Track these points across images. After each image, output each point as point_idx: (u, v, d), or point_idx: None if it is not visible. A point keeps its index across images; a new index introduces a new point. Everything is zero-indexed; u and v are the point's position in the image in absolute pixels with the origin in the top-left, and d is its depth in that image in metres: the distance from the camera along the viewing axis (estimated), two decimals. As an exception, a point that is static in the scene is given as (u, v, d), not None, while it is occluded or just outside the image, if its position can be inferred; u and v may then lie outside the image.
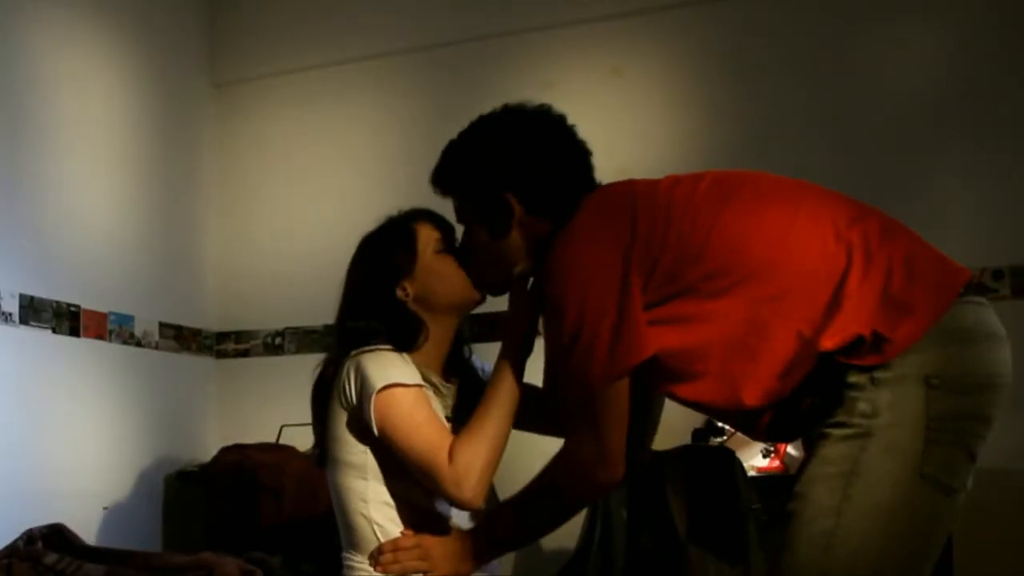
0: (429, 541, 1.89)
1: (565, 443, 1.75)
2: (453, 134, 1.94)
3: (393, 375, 1.87)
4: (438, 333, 2.00)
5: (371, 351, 1.91)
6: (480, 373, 2.11)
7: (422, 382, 1.91)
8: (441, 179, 1.91)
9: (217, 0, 4.41)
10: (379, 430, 1.86)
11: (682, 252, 1.63)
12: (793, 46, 3.63)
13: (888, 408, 1.51)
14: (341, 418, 1.92)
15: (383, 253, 2.01)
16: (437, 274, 1.98)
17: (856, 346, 1.54)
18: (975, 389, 1.54)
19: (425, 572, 1.88)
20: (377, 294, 1.99)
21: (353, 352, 1.92)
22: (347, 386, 1.89)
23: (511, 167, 1.79)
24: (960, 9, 3.48)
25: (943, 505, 1.54)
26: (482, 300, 2.02)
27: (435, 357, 2.02)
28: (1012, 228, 3.35)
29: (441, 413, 1.96)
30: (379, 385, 1.85)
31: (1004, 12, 3.43)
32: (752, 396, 1.60)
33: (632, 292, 1.62)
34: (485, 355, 2.16)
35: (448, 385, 2.04)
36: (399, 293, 1.99)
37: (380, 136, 4.15)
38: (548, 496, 1.80)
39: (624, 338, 1.62)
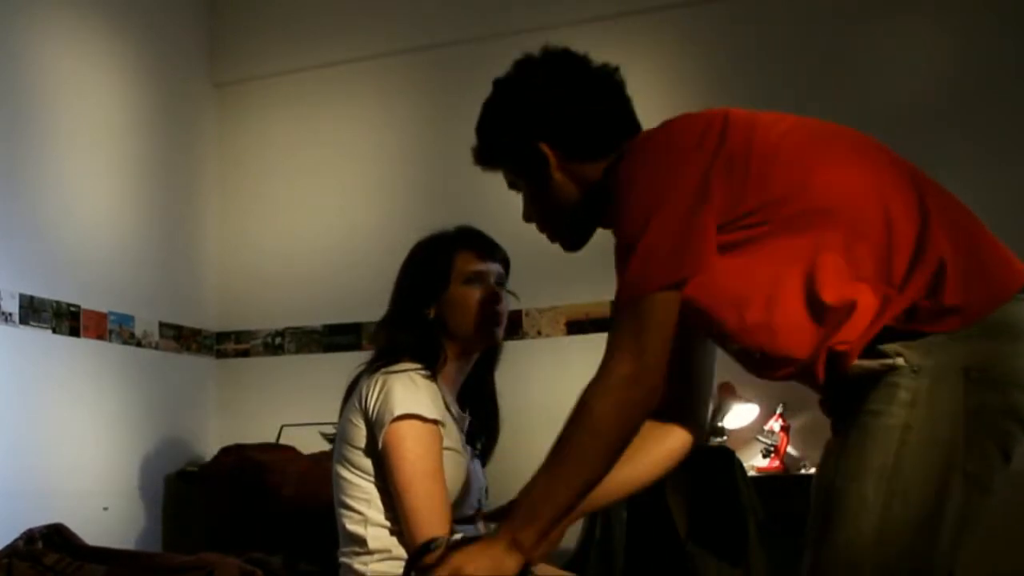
0: (457, 559, 1.56)
1: (603, 361, 1.55)
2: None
3: (413, 405, 1.90)
4: (455, 360, 2.05)
5: (400, 371, 1.94)
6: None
7: (441, 417, 1.94)
8: (478, 153, 1.82)
9: (217, 0, 4.41)
10: (384, 451, 1.90)
11: (764, 182, 1.53)
12: (793, 46, 3.63)
13: (927, 396, 1.45)
14: (356, 424, 1.96)
15: (421, 271, 2.08)
16: (460, 305, 2.03)
17: (910, 313, 1.49)
18: (1015, 387, 1.47)
19: None
20: (412, 307, 2.06)
21: (383, 368, 1.96)
22: (368, 399, 1.94)
23: (539, 116, 1.73)
24: (960, 9, 3.48)
25: (981, 505, 1.48)
26: (495, 342, 2.07)
27: (454, 381, 2.07)
28: (1012, 228, 3.33)
29: (458, 442, 2.00)
30: (397, 412, 1.89)
31: (1004, 12, 3.43)
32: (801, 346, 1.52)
33: (711, 198, 1.51)
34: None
35: (464, 415, 2.08)
36: (426, 312, 2.05)
37: (380, 136, 4.15)
38: (582, 427, 1.54)
39: (693, 244, 1.51)
